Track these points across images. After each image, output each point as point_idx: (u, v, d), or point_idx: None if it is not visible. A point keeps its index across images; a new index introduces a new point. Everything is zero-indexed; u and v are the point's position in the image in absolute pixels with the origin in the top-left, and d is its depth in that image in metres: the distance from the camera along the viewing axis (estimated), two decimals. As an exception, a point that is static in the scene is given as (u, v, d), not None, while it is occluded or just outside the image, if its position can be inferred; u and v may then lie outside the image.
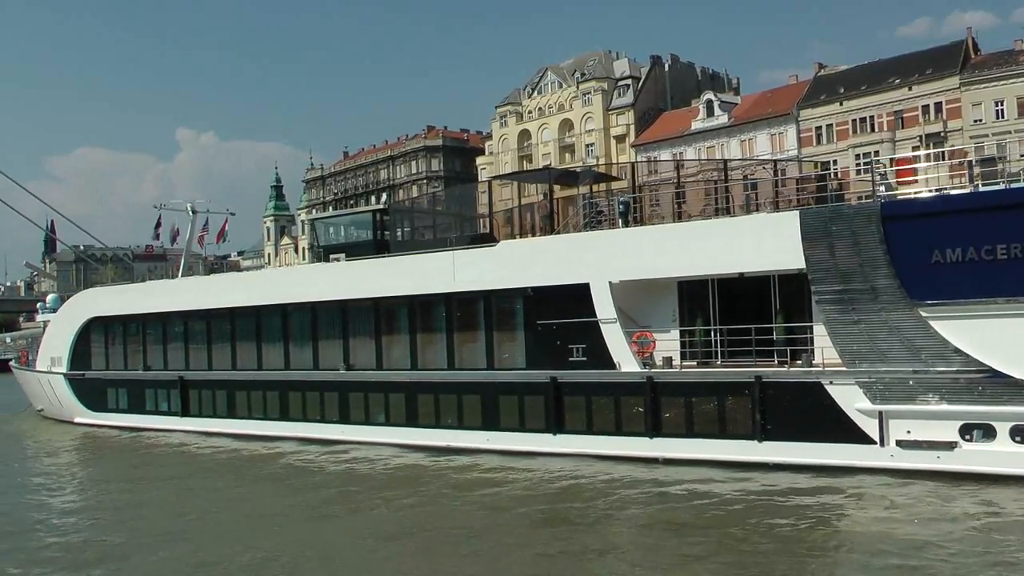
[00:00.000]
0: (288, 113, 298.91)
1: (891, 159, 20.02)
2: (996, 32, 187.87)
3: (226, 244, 45.02)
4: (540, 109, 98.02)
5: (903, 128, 73.21)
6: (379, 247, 28.05)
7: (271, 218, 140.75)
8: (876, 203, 19.11)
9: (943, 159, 20.95)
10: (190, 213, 38.50)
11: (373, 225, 28.82)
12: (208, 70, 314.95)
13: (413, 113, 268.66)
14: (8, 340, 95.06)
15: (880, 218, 18.71)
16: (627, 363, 21.51)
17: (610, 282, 21.82)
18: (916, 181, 19.12)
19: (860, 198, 21.26)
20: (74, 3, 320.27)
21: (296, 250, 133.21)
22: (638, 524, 16.74)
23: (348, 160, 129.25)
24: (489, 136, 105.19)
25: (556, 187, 27.05)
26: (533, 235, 25.86)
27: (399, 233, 28.98)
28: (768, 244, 20.10)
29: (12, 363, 44.29)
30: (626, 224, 22.79)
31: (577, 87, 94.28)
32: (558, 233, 24.77)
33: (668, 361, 21.28)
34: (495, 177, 31.22)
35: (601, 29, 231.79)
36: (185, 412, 31.54)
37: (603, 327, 21.84)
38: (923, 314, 18.38)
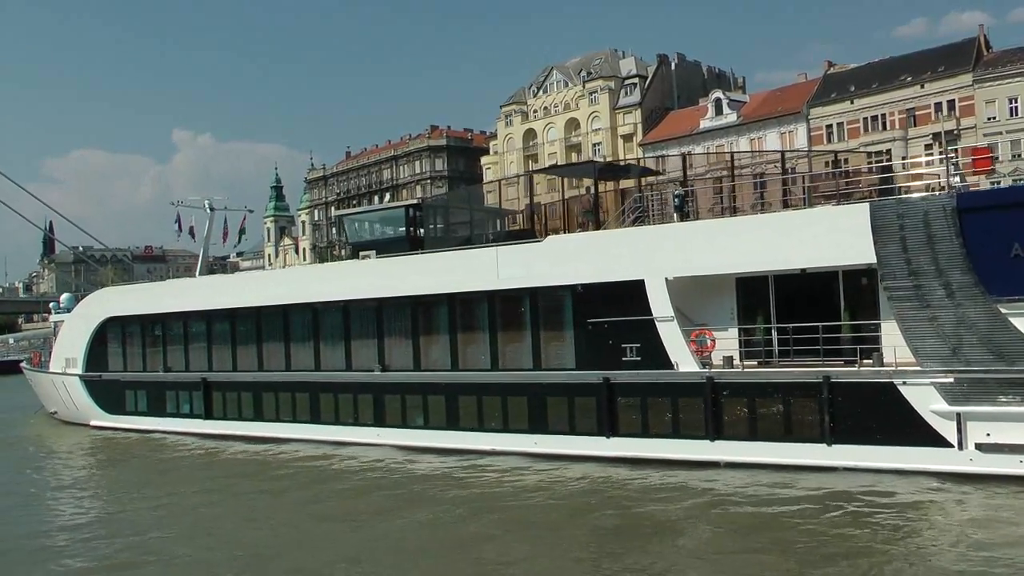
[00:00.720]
0: (288, 113, 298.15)
1: (972, 147, 19.12)
2: (993, 32, 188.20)
3: (245, 242, 43.90)
4: (546, 108, 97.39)
5: (915, 126, 72.73)
6: (413, 243, 27.12)
7: (271, 219, 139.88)
8: (951, 195, 18.37)
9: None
10: (208, 210, 37.45)
11: (406, 221, 27.83)
12: (207, 70, 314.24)
13: (414, 113, 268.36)
14: (11, 341, 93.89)
15: (956, 211, 17.99)
16: (685, 363, 20.66)
17: (666, 278, 20.99)
18: (995, 171, 18.35)
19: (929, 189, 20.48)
20: (74, 3, 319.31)
21: (297, 250, 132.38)
22: (708, 532, 15.85)
23: (351, 160, 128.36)
24: (493, 136, 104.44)
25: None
26: (572, 230, 24.98)
27: (433, 229, 28.08)
28: (834, 238, 19.28)
29: (23, 364, 43.27)
30: (682, 218, 21.97)
31: (583, 86, 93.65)
32: (605, 228, 23.89)
33: (729, 361, 20.45)
34: (538, 170, 30.32)
35: (601, 29, 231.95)
36: (208, 415, 30.52)
37: (659, 325, 20.96)
38: (1003, 310, 17.61)
